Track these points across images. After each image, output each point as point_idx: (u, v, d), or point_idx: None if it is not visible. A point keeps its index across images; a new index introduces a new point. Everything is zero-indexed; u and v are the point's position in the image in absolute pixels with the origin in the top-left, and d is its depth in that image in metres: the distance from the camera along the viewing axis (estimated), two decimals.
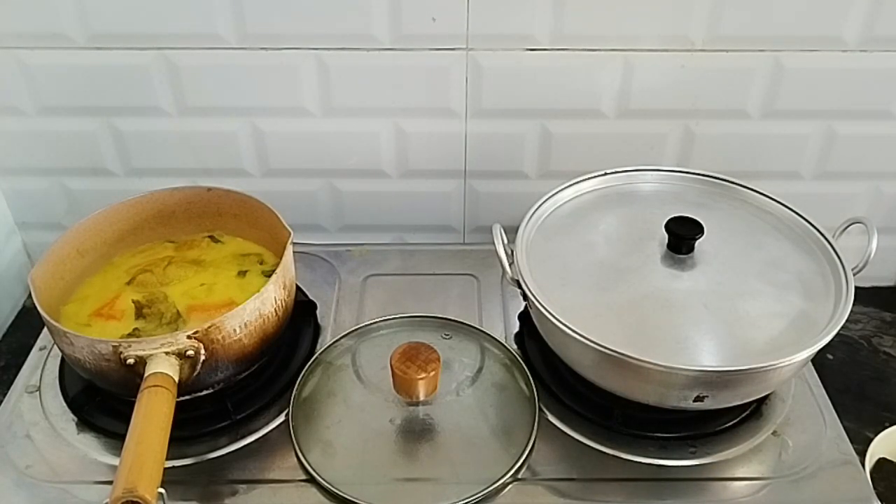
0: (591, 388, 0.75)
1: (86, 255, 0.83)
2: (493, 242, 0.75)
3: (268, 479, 0.71)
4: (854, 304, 0.69)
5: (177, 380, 0.67)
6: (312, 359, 0.81)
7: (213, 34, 0.85)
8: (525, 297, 0.74)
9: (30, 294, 0.76)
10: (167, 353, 0.67)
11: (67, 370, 0.80)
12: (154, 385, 0.65)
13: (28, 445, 0.74)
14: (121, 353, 0.67)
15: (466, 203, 1.00)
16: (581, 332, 0.67)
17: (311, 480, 0.70)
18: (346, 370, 0.80)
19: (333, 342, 0.83)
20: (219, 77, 0.88)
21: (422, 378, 0.70)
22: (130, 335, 0.76)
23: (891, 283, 1.03)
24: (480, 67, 0.87)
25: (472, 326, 0.85)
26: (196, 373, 0.69)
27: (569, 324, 0.68)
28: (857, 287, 0.71)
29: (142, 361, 0.66)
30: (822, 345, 0.67)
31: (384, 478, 0.70)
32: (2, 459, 0.73)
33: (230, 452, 0.73)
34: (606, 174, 0.85)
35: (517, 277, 0.74)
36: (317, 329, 0.87)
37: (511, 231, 0.77)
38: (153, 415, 0.62)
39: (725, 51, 0.86)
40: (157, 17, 0.84)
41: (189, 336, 0.68)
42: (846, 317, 0.68)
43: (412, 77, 0.88)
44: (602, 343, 0.66)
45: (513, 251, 0.76)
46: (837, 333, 0.67)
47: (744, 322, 0.70)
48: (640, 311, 0.71)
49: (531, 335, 0.82)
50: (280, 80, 0.88)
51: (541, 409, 0.76)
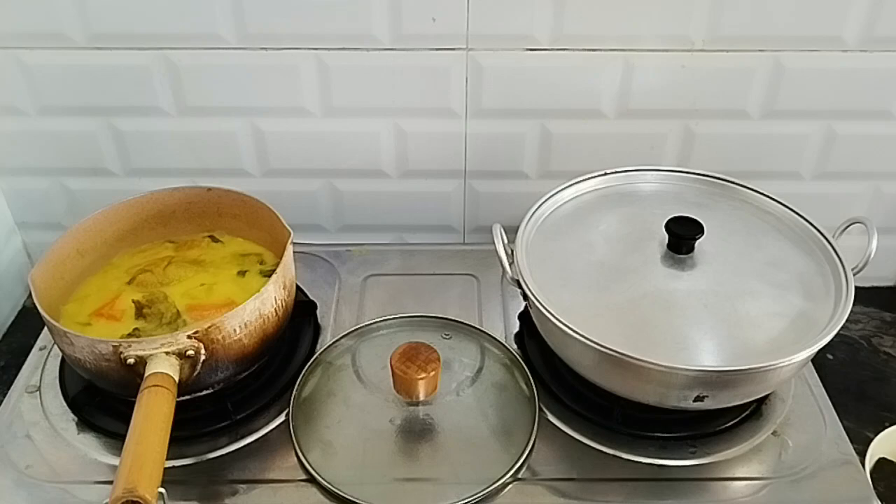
0: (591, 388, 0.75)
1: (86, 255, 0.83)
2: (493, 242, 0.75)
3: (268, 479, 0.71)
4: (854, 304, 0.69)
5: (177, 380, 0.67)
6: (312, 359, 0.81)
7: (213, 34, 0.85)
8: (525, 297, 0.74)
9: (30, 294, 0.76)
10: (167, 353, 0.67)
11: (67, 370, 0.80)
12: (154, 385, 0.65)
13: (28, 445, 0.74)
14: (121, 353, 0.67)
15: (466, 203, 1.00)
16: (581, 332, 0.67)
17: (311, 480, 0.70)
18: (346, 370, 0.80)
19: (333, 342, 0.83)
20: (219, 77, 0.88)
21: (422, 378, 0.70)
22: (130, 335, 0.76)
23: (891, 283, 1.03)
24: (480, 67, 0.87)
25: (472, 326, 0.85)
26: (196, 373, 0.69)
27: (569, 324, 0.68)
28: (857, 287, 0.71)
29: (142, 361, 0.66)
30: (822, 345, 0.67)
31: (384, 478, 0.70)
32: (2, 459, 0.73)
33: (230, 452, 0.73)
34: (606, 174, 0.85)
35: (517, 277, 0.74)
36: (317, 329, 0.87)
37: (511, 231, 0.77)
38: (153, 415, 0.62)
39: (725, 51, 0.86)
40: (158, 17, 0.84)
41: (189, 336, 0.68)
42: (846, 317, 0.68)
43: (412, 77, 0.88)
44: (602, 343, 0.66)
45: (513, 251, 0.76)
46: (837, 333, 0.67)
47: (744, 322, 0.70)
48: (640, 311, 0.71)
49: (531, 335, 0.82)
50: (280, 80, 0.88)
51: (541, 409, 0.76)
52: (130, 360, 0.66)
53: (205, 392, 0.74)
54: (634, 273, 0.74)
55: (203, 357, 0.69)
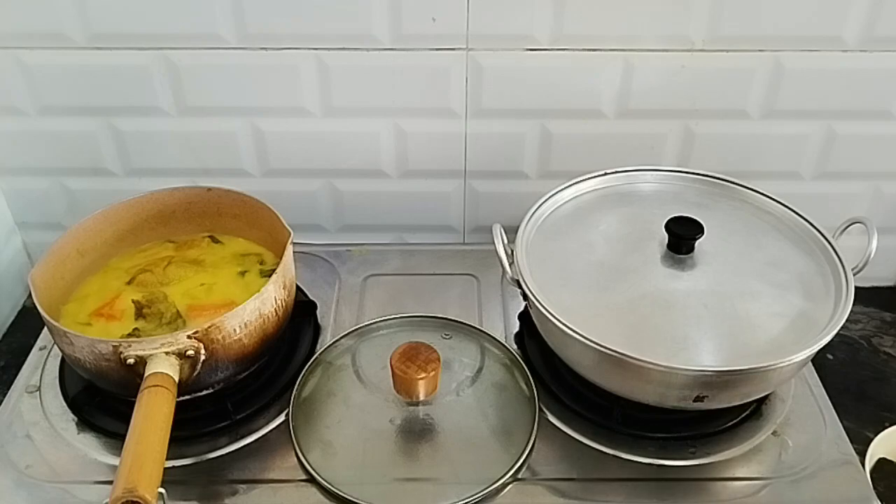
0: (591, 388, 0.75)
1: (86, 255, 0.83)
2: (493, 242, 0.75)
3: (268, 479, 0.71)
4: (854, 304, 0.69)
5: (177, 380, 0.67)
6: (312, 359, 0.81)
7: (213, 34, 0.85)
8: (525, 297, 0.74)
9: (30, 294, 0.76)
10: (167, 353, 0.67)
11: (67, 370, 0.80)
12: (154, 385, 0.65)
13: (28, 445, 0.74)
14: (121, 353, 0.67)
15: (466, 203, 1.00)
16: (581, 332, 0.67)
17: (311, 480, 0.70)
18: (346, 370, 0.80)
19: (333, 342, 0.83)
20: (219, 77, 0.88)
21: (422, 378, 0.70)
22: (130, 335, 0.76)
23: (891, 283, 1.03)
24: (480, 67, 0.87)
25: (472, 326, 0.85)
26: (196, 373, 0.69)
27: (569, 324, 0.68)
28: (857, 287, 0.71)
29: (142, 361, 0.66)
30: (822, 345, 0.66)
31: (384, 478, 0.70)
32: (2, 459, 0.73)
33: (230, 452, 0.73)
34: (606, 174, 0.85)
35: (517, 277, 0.74)
36: (317, 329, 0.87)
37: (511, 231, 0.77)
38: (153, 415, 0.62)
39: (725, 51, 0.86)
40: (158, 17, 0.84)
41: (189, 336, 0.68)
42: (846, 317, 0.68)
43: (412, 77, 0.88)
44: (602, 343, 0.66)
45: (513, 251, 0.76)
46: (837, 333, 0.67)
47: (744, 322, 0.70)
48: (640, 311, 0.71)
49: (531, 335, 0.82)
50: (280, 80, 0.88)
51: (541, 409, 0.76)
52: (130, 360, 0.66)
53: (205, 392, 0.73)
54: (634, 273, 0.74)
55: (203, 357, 0.69)
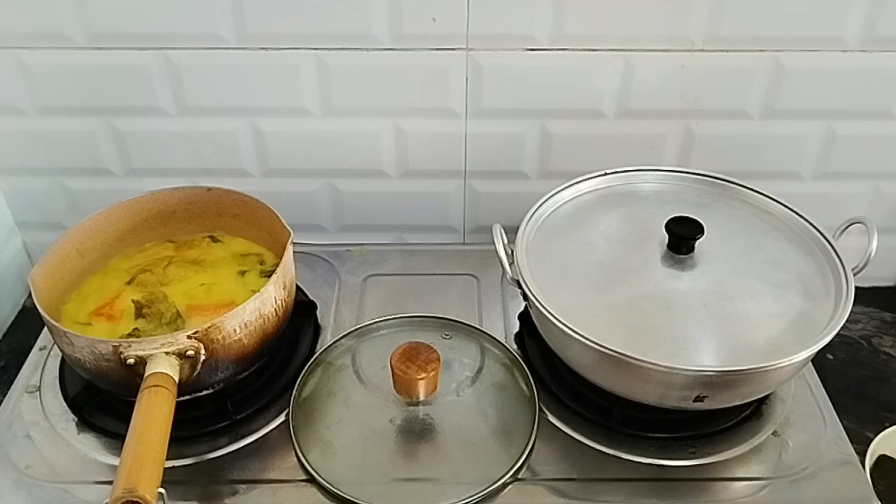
0: (591, 388, 0.75)
1: (86, 255, 0.83)
2: (493, 242, 0.75)
3: (268, 479, 0.71)
4: (854, 304, 0.69)
5: (177, 380, 0.67)
6: (312, 359, 0.81)
7: (213, 34, 0.85)
8: (525, 297, 0.74)
9: (30, 294, 0.76)
10: (167, 353, 0.67)
11: (67, 370, 0.80)
12: (154, 385, 0.65)
13: (28, 445, 0.74)
14: (121, 353, 0.67)
15: (466, 203, 1.00)
16: (581, 332, 0.67)
17: (311, 480, 0.70)
18: (346, 370, 0.80)
19: (333, 342, 0.83)
20: (219, 77, 0.88)
21: (422, 378, 0.70)
22: (130, 335, 0.76)
23: (891, 283, 1.03)
24: (480, 67, 0.87)
25: (472, 326, 0.85)
26: (196, 373, 0.69)
27: (569, 324, 0.68)
28: (857, 287, 0.71)
29: (142, 361, 0.66)
30: (822, 345, 0.66)
31: (384, 478, 0.70)
32: (2, 459, 0.73)
33: (230, 452, 0.73)
34: (606, 174, 0.85)
35: (517, 277, 0.74)
36: (317, 329, 0.87)
37: (511, 231, 0.77)
38: (153, 415, 0.62)
39: (725, 51, 0.86)
40: (158, 17, 0.84)
41: (189, 336, 0.68)
42: (846, 317, 0.68)
43: (412, 77, 0.88)
44: (602, 343, 0.66)
45: (513, 251, 0.76)
46: (837, 333, 0.67)
47: (744, 322, 0.70)
48: (640, 311, 0.71)
49: (531, 335, 0.82)
50: (280, 80, 0.88)
51: (541, 409, 0.76)
52: (130, 360, 0.66)
53: (205, 392, 0.73)
54: (634, 273, 0.74)
55: (203, 357, 0.69)
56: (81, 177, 0.97)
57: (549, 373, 0.80)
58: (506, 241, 0.75)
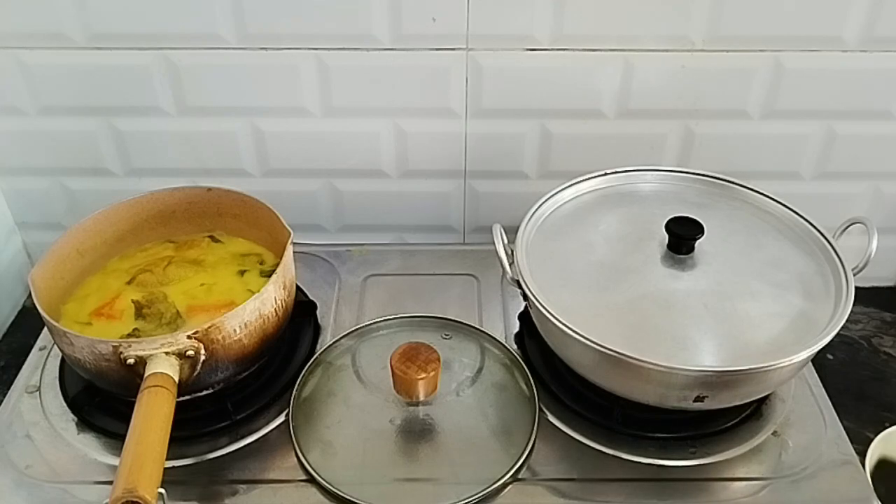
0: (591, 388, 0.75)
1: (86, 255, 0.83)
2: (493, 242, 0.75)
3: (268, 479, 0.71)
4: (854, 304, 0.69)
5: (177, 380, 0.67)
6: (312, 359, 0.81)
7: (213, 34, 0.85)
8: (525, 297, 0.74)
9: (30, 294, 0.76)
10: (167, 353, 0.67)
11: (67, 370, 0.80)
12: (154, 385, 0.65)
13: (28, 445, 0.74)
14: (121, 353, 0.67)
15: (466, 203, 1.00)
16: (581, 332, 0.67)
17: (311, 480, 0.70)
18: (346, 370, 0.80)
19: (333, 342, 0.83)
20: (219, 77, 0.88)
21: (422, 378, 0.70)
22: (130, 335, 0.76)
23: (891, 283, 1.03)
24: (480, 67, 0.87)
25: (472, 326, 0.85)
26: (196, 373, 0.69)
27: (569, 324, 0.68)
28: (857, 287, 0.71)
29: (142, 361, 0.66)
30: (822, 345, 0.66)
31: (384, 478, 0.70)
32: (2, 459, 0.73)
33: (230, 452, 0.73)
34: (606, 174, 0.85)
35: (517, 277, 0.74)
36: (317, 329, 0.87)
37: (511, 231, 0.77)
38: (153, 415, 0.62)
39: (725, 51, 0.86)
40: (157, 17, 0.84)
41: (189, 336, 0.68)
42: (846, 317, 0.68)
43: (412, 77, 0.88)
44: (602, 343, 0.66)
45: (513, 251, 0.76)
46: (837, 333, 0.67)
47: (744, 322, 0.70)
48: (640, 311, 0.71)
49: (531, 335, 0.82)
50: (280, 80, 0.88)
51: (541, 409, 0.76)
52: (130, 360, 0.66)
53: (205, 392, 0.73)
54: (634, 273, 0.74)
55: (203, 357, 0.69)
56: (81, 177, 0.97)
57: (549, 373, 0.80)
58: (506, 241, 0.75)
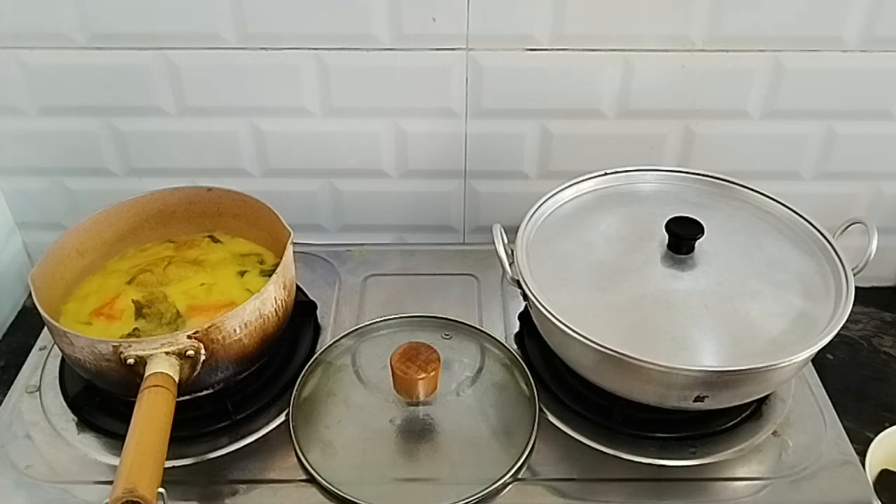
0: (591, 388, 0.75)
1: (86, 255, 0.83)
2: (493, 242, 0.75)
3: (268, 479, 0.71)
4: (854, 304, 0.69)
5: (177, 380, 0.67)
6: (312, 359, 0.81)
7: (213, 34, 0.85)
8: (525, 297, 0.74)
9: (30, 294, 0.76)
10: (167, 353, 0.67)
11: (67, 370, 0.80)
12: (154, 385, 0.65)
13: (28, 445, 0.74)
14: (121, 353, 0.67)
15: (466, 203, 1.00)
16: (581, 332, 0.67)
17: (311, 480, 0.70)
18: (346, 370, 0.80)
19: (333, 342, 0.83)
20: (219, 77, 0.88)
21: (422, 378, 0.70)
22: (130, 335, 0.76)
23: (891, 283, 1.03)
24: (480, 67, 0.87)
25: (472, 326, 0.85)
26: (196, 373, 0.69)
27: (569, 324, 0.68)
28: (857, 287, 0.71)
29: (142, 361, 0.66)
30: (822, 345, 0.66)
31: (384, 478, 0.70)
32: (2, 459, 0.73)
33: (230, 452, 0.73)
34: (606, 174, 0.85)
35: (517, 277, 0.74)
36: (317, 329, 0.87)
37: (511, 231, 0.77)
38: (153, 415, 0.62)
39: (725, 51, 0.86)
40: (158, 17, 0.84)
41: (189, 336, 0.68)
42: (846, 317, 0.68)
43: (412, 77, 0.88)
44: (602, 343, 0.66)
45: (513, 251, 0.76)
46: (837, 333, 0.67)
47: (744, 322, 0.70)
48: (640, 311, 0.71)
49: (531, 335, 0.82)
50: (280, 80, 0.88)
51: (541, 409, 0.76)
52: (130, 360, 0.66)
53: (205, 392, 0.73)
54: (634, 273, 0.74)
55: (203, 357, 0.69)
56: (81, 177, 0.97)
57: (549, 373, 0.80)
58: (506, 241, 0.75)
